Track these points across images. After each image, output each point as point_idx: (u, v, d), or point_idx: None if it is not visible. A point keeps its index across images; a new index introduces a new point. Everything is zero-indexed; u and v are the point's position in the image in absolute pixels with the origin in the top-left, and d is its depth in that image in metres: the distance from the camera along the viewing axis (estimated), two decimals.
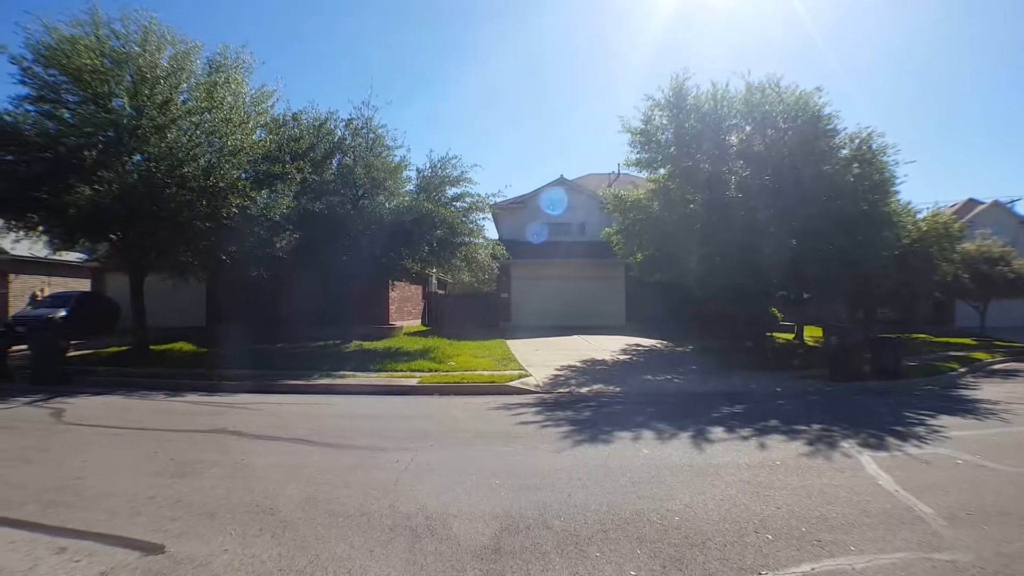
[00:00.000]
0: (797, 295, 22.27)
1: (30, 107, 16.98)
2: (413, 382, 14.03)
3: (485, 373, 15.06)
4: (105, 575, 4.55)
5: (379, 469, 7.16)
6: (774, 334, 24.34)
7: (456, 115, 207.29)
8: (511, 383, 13.72)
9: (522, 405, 11.55)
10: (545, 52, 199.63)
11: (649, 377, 15.22)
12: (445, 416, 10.69)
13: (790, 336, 24.75)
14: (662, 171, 19.37)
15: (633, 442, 8.47)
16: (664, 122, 18.46)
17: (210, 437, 9.20)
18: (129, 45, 17.06)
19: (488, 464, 7.30)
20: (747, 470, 7.13)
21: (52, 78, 16.83)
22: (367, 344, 21.08)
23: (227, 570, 4.60)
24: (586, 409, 11.16)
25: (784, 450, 8.07)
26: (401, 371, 15.59)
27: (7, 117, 16.54)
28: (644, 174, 20.39)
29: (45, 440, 9.13)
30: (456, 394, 13.05)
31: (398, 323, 28.26)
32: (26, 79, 16.74)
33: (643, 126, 18.58)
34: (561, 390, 13.23)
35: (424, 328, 30.86)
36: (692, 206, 17.74)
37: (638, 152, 18.95)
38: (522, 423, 9.88)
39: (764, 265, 17.10)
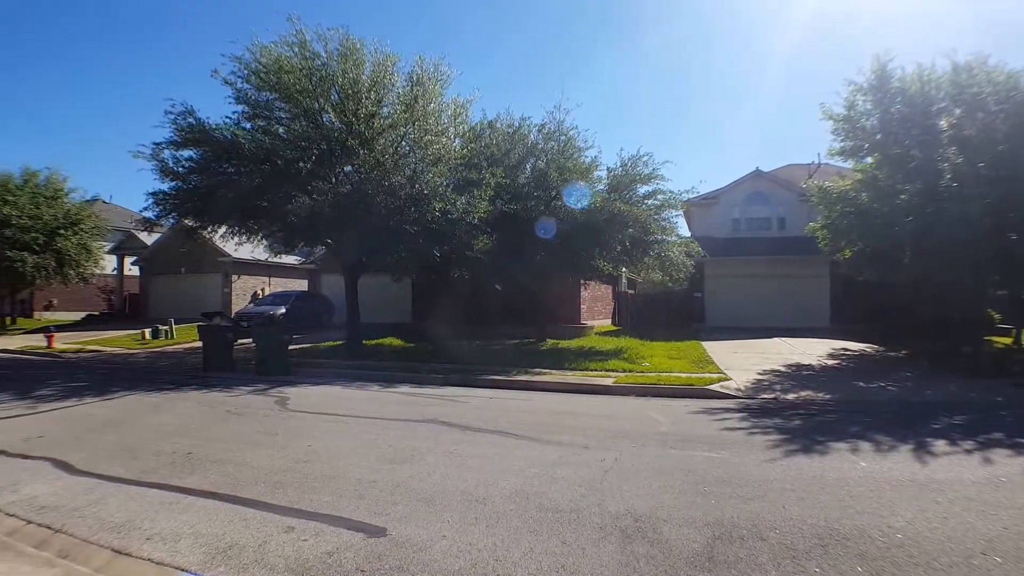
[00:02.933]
0: (1016, 294, 20.24)
1: (247, 124, 18.85)
2: (608, 382, 13.92)
3: (682, 375, 14.62)
4: (331, 555, 4.79)
5: (584, 467, 7.12)
6: (991, 338, 22.29)
7: (643, 112, 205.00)
8: (710, 387, 13.17)
9: (725, 410, 11.06)
10: (733, 36, 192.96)
11: (861, 384, 14.20)
12: (644, 418, 10.47)
13: (1008, 340, 22.46)
14: (868, 160, 18.09)
15: (849, 454, 7.85)
16: (868, 107, 17.25)
17: (423, 427, 9.62)
18: (331, 63, 18.40)
19: (695, 469, 7.05)
20: (971, 486, 6.46)
21: (264, 97, 18.59)
22: (561, 343, 21.43)
23: (446, 556, 4.73)
24: (795, 417, 10.52)
25: (1009, 466, 7.31)
26: (595, 370, 15.57)
27: (227, 133, 18.47)
28: (849, 163, 19.20)
29: (272, 426, 9.96)
30: (652, 396, 12.72)
31: (589, 322, 28.42)
32: (239, 99, 18.62)
33: (846, 112, 17.42)
34: (765, 396, 12.57)
35: (614, 328, 30.76)
36: (903, 197, 16.54)
37: (842, 140, 17.83)
38: (727, 429, 9.47)
39: (980, 262, 15.75)
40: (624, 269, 24.26)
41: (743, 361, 17.26)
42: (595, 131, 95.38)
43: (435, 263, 18.91)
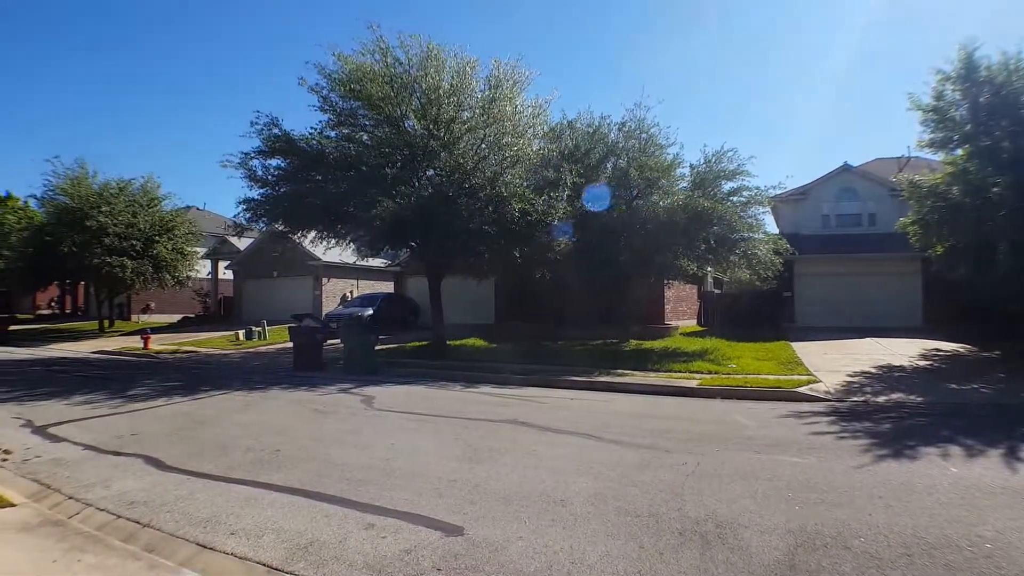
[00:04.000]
0: None
1: (331, 132, 19.38)
2: (692, 384, 13.65)
3: (770, 377, 14.20)
4: (409, 552, 4.81)
5: (665, 470, 6.98)
6: None
7: (730, 107, 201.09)
8: (799, 389, 12.73)
9: (813, 413, 10.68)
10: (821, 27, 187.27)
11: (953, 386, 13.47)
12: (728, 421, 10.20)
13: None
14: (959, 152, 17.28)
15: (939, 459, 7.45)
16: (957, 97, 16.48)
17: (503, 427, 9.63)
18: (412, 70, 18.72)
19: (779, 474, 6.83)
20: None
21: (348, 105, 19.07)
22: (644, 344, 21.14)
23: (522, 557, 4.70)
24: (885, 421, 10.05)
25: None
26: (679, 372, 15.29)
27: (313, 142, 19.01)
28: (939, 156, 18.43)
29: (358, 424, 10.15)
30: (738, 398, 12.45)
31: (673, 323, 27.96)
32: (324, 107, 19.15)
33: (934, 102, 16.67)
34: (855, 398, 12.08)
35: (700, 328, 30.15)
36: (995, 190, 15.65)
37: (931, 131, 17.01)
38: (814, 433, 9.11)
39: None
40: (709, 268, 23.78)
41: (833, 362, 16.68)
42: (677, 127, 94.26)
43: (516, 264, 18.94)
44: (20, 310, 49.43)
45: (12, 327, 33.54)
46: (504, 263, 19.06)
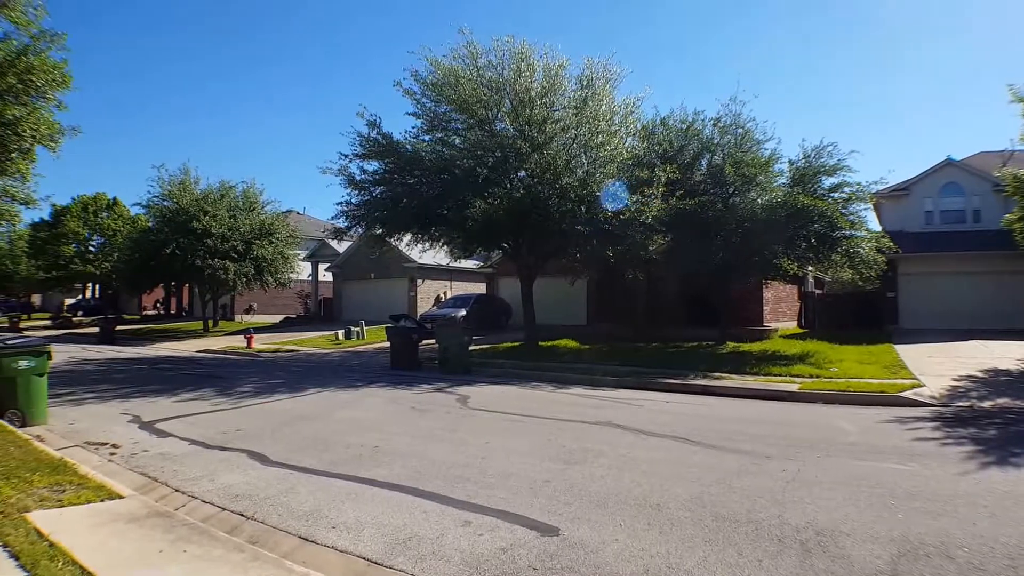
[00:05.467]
0: None
1: (425, 136, 19.69)
2: (792, 388, 13.26)
3: (873, 382, 13.64)
4: (505, 551, 4.83)
5: (764, 476, 6.82)
6: None
7: (830, 99, 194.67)
8: (903, 394, 12.21)
9: (917, 419, 10.24)
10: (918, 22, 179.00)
11: None
12: (830, 426, 9.88)
13: None
14: None
15: None
16: None
17: (597, 429, 9.55)
18: (504, 72, 18.81)
19: (882, 482, 6.58)
20: None
21: (441, 109, 19.34)
22: (742, 346, 20.63)
23: (618, 560, 4.67)
24: (991, 427, 9.55)
25: None
26: (779, 375, 14.87)
27: (407, 146, 19.36)
28: None
29: (453, 422, 10.28)
30: (840, 403, 12.03)
31: (772, 324, 27.18)
32: (417, 112, 19.54)
33: None
34: (960, 404, 11.49)
35: (800, 330, 29.22)
36: None
37: None
38: (918, 439, 8.74)
39: None
40: (810, 268, 23.01)
41: (938, 366, 15.90)
42: (774, 122, 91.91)
43: (609, 264, 18.81)
44: (127, 311, 52.24)
45: (119, 327, 35.30)
46: (596, 263, 18.93)
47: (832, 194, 19.75)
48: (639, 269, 20.58)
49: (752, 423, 10.21)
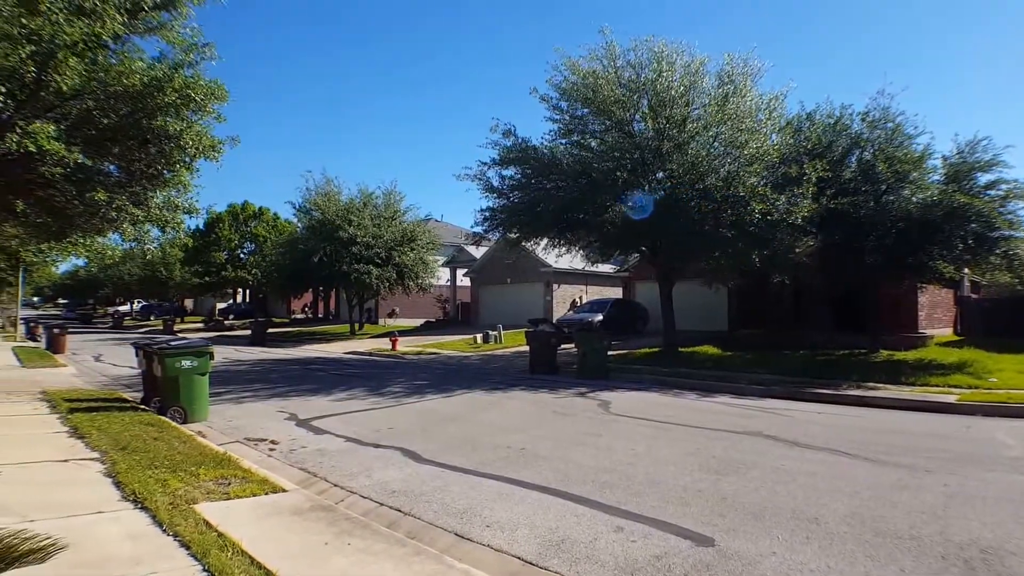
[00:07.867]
0: None
1: (562, 141, 19.72)
2: (950, 399, 12.49)
3: None
4: (659, 559, 4.79)
5: (926, 491, 6.49)
6: None
7: (979, 90, 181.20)
8: None
9: None
10: None
11: None
12: (991, 440, 9.29)
13: None
14: None
15: None
16: None
17: (746, 439, 9.29)
18: (643, 72, 18.52)
19: None
20: None
21: (578, 112, 19.34)
22: (896, 354, 19.53)
23: (776, 573, 4.58)
24: None
25: None
26: (936, 386, 14.06)
27: (545, 150, 19.48)
28: None
29: (596, 427, 10.27)
30: (1001, 416, 11.31)
31: (928, 331, 25.58)
32: (554, 116, 19.63)
33: None
34: None
35: (957, 337, 27.31)
36: None
37: None
38: None
39: None
40: (966, 271, 21.56)
41: None
42: (924, 116, 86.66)
43: (754, 268, 18.29)
44: (275, 315, 55.14)
45: (269, 330, 37.31)
46: (740, 267, 18.45)
47: (988, 191, 18.42)
48: (786, 273, 19.88)
49: (909, 435, 9.73)
